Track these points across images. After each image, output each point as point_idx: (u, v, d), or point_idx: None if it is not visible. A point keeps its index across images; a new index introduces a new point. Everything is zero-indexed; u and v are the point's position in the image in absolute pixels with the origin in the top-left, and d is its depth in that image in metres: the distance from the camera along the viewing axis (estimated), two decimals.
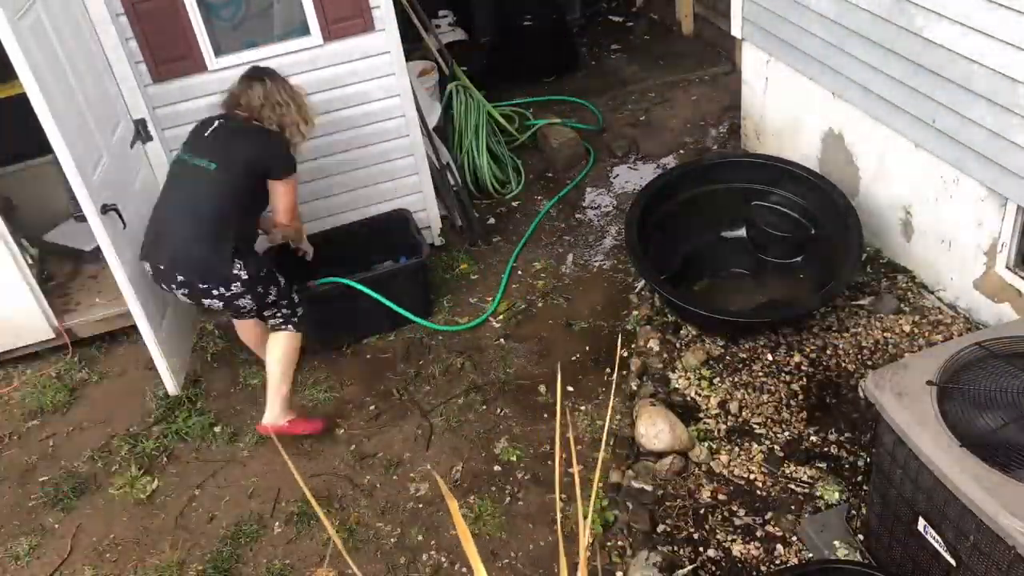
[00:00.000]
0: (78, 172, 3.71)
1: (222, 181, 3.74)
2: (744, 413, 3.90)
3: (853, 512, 3.35)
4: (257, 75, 3.88)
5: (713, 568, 3.32)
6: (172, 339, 4.41)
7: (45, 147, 3.73)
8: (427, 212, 5.11)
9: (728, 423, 3.86)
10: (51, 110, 3.57)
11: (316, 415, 4.27)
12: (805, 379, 4.02)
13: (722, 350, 4.20)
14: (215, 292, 3.75)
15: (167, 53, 4.28)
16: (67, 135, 3.67)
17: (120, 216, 3.97)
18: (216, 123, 3.87)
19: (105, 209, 3.89)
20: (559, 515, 2.08)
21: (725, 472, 3.66)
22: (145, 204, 4.37)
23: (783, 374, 4.06)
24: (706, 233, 4.77)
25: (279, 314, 3.99)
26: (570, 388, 4.23)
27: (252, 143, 3.81)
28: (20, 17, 3.50)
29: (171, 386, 4.38)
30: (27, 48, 3.48)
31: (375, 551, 3.62)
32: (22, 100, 3.62)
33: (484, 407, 4.20)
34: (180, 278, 3.74)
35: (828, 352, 4.14)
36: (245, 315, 4.02)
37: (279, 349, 3.99)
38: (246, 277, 3.75)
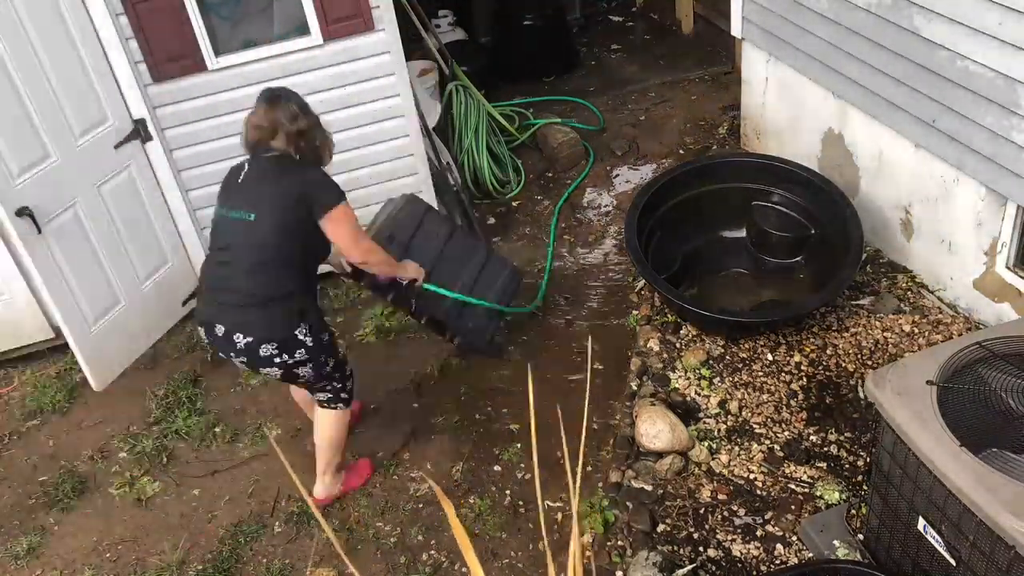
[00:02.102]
0: None
1: (265, 229, 3.18)
2: (744, 413, 3.90)
3: (853, 512, 3.35)
4: (276, 97, 3.29)
5: (713, 568, 3.32)
6: (108, 339, 4.47)
7: None
8: None
9: (728, 423, 3.86)
10: None
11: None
12: (805, 379, 4.02)
13: (722, 350, 4.20)
14: (276, 360, 3.24)
15: (167, 53, 4.28)
16: None
17: (35, 221, 3.99)
18: (245, 167, 3.32)
19: (20, 212, 3.92)
20: (541, 514, 2.08)
21: (725, 472, 3.66)
22: (118, 204, 4.40)
23: (783, 374, 4.06)
24: (706, 233, 4.77)
25: (329, 388, 3.51)
26: (571, 386, 4.23)
27: (291, 179, 3.23)
28: None
29: (93, 383, 4.47)
30: None
31: (375, 551, 3.62)
32: None
33: (484, 407, 4.20)
34: (240, 344, 3.21)
35: (828, 352, 4.13)
36: (301, 384, 3.53)
37: (329, 428, 3.60)
38: (311, 344, 3.26)
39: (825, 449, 3.71)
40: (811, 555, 3.31)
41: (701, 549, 3.38)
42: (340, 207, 3.21)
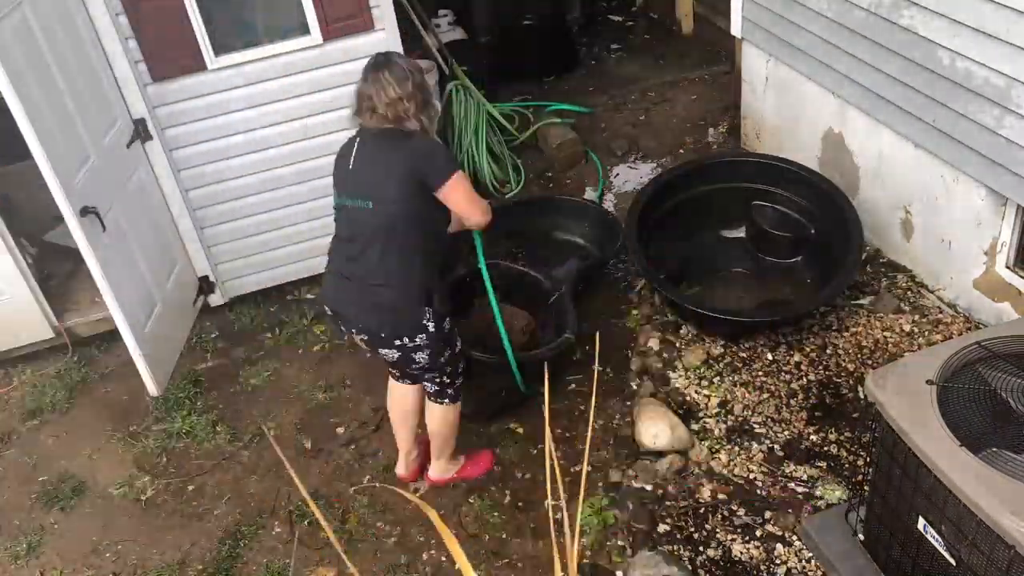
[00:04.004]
0: (55, 175, 3.71)
1: (386, 216, 3.12)
2: (744, 413, 3.90)
3: (853, 512, 3.34)
4: (382, 63, 3.11)
5: (713, 568, 3.32)
6: (156, 341, 4.41)
7: None
8: None
9: (728, 423, 3.86)
10: (28, 113, 3.56)
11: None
12: (805, 379, 4.02)
13: (722, 349, 4.20)
14: (396, 343, 3.23)
15: (167, 52, 4.28)
16: (46, 137, 3.67)
17: (100, 219, 3.96)
18: (355, 146, 3.20)
19: (85, 212, 3.89)
20: (551, 514, 2.08)
21: (725, 472, 3.66)
22: (139, 204, 4.40)
23: (783, 373, 4.06)
24: (706, 233, 4.77)
25: (438, 380, 3.47)
26: (571, 387, 4.23)
27: (399, 156, 3.11)
28: (1, 19, 3.50)
29: (152, 388, 4.38)
30: (5, 50, 3.48)
31: (375, 551, 3.62)
32: None
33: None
34: (362, 325, 3.27)
35: (828, 352, 4.13)
36: (408, 374, 3.54)
37: (437, 423, 3.62)
38: (432, 330, 3.22)
39: (825, 449, 3.71)
40: (811, 555, 3.31)
41: (701, 549, 3.38)
42: (454, 177, 3.10)
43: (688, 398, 3.99)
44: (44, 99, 3.73)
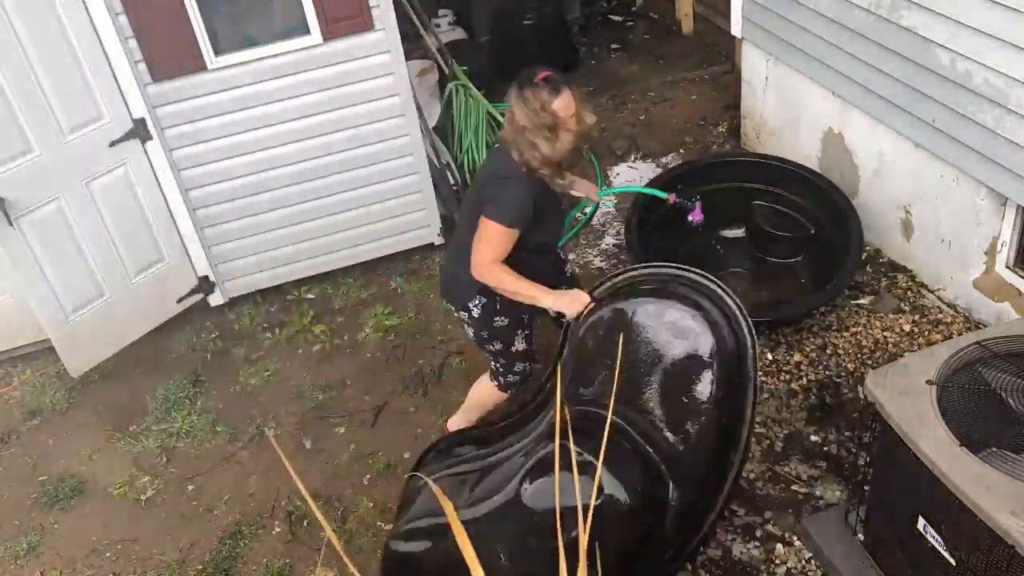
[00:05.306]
0: None
1: (469, 205, 3.34)
2: None
3: (853, 512, 3.34)
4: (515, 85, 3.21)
5: (713, 568, 3.32)
6: (86, 327, 4.49)
7: None
8: (427, 211, 5.11)
9: None
10: None
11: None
12: (805, 378, 4.02)
13: None
14: (460, 314, 3.50)
15: (166, 52, 4.27)
16: None
17: (5, 213, 4.01)
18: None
19: None
20: (558, 514, 2.08)
21: None
22: (108, 201, 4.41)
23: (783, 373, 4.06)
24: (706, 233, 4.76)
25: (493, 365, 3.65)
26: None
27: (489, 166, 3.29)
28: None
29: (70, 368, 4.52)
30: None
31: (375, 551, 3.62)
32: None
33: None
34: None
35: (828, 351, 4.13)
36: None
37: (477, 392, 3.78)
38: (476, 315, 3.40)
39: (825, 449, 3.71)
40: (811, 555, 3.31)
41: (701, 549, 3.38)
42: (491, 223, 3.10)
43: None
44: None
